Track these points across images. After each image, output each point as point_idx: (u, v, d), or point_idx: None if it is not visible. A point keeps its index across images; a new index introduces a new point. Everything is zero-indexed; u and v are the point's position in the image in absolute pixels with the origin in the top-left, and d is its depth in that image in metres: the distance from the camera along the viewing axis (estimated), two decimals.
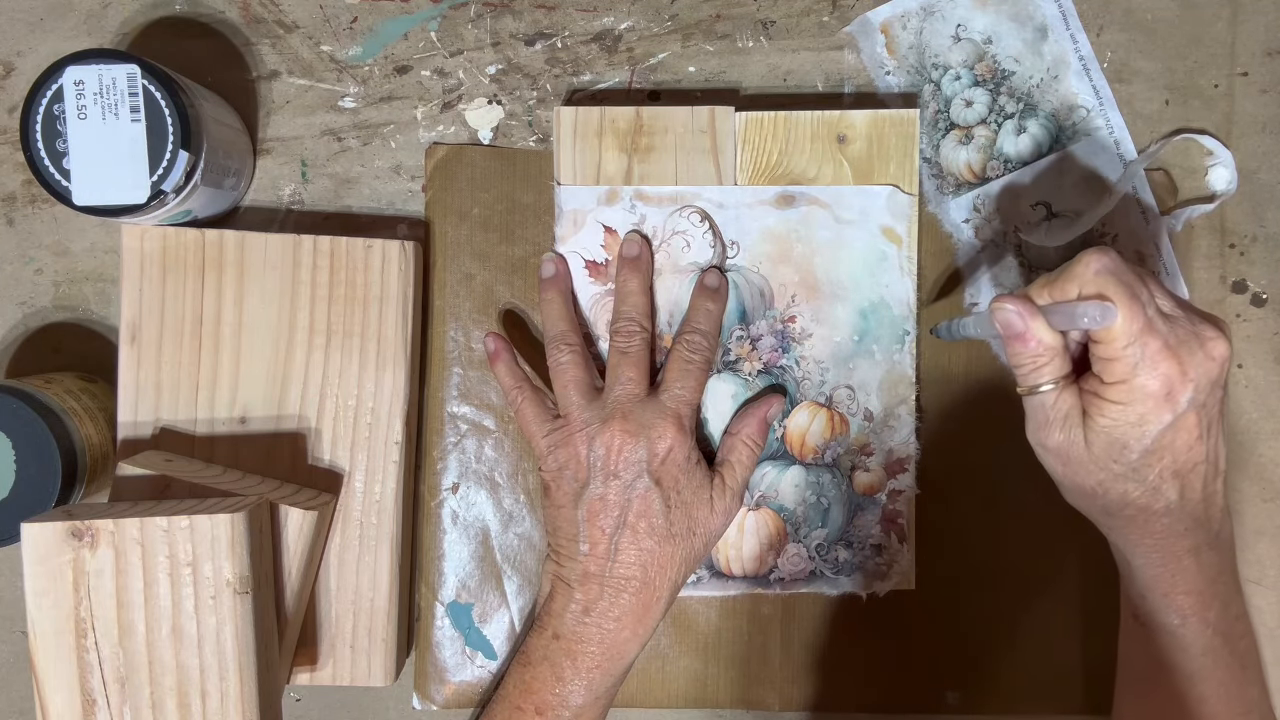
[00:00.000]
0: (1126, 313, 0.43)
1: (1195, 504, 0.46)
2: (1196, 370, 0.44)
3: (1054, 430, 0.46)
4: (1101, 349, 0.44)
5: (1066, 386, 0.46)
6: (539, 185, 0.56)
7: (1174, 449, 0.45)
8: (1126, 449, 0.44)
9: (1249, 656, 0.48)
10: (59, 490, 0.49)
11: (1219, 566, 0.47)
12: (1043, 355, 0.45)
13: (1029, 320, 0.45)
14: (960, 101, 0.56)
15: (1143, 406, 0.44)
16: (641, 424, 0.50)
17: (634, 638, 0.50)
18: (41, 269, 0.57)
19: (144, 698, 0.45)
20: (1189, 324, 0.44)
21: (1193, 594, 0.47)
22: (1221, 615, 0.47)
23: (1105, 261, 0.44)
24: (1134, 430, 0.44)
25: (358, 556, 0.54)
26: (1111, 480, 0.46)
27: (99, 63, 0.48)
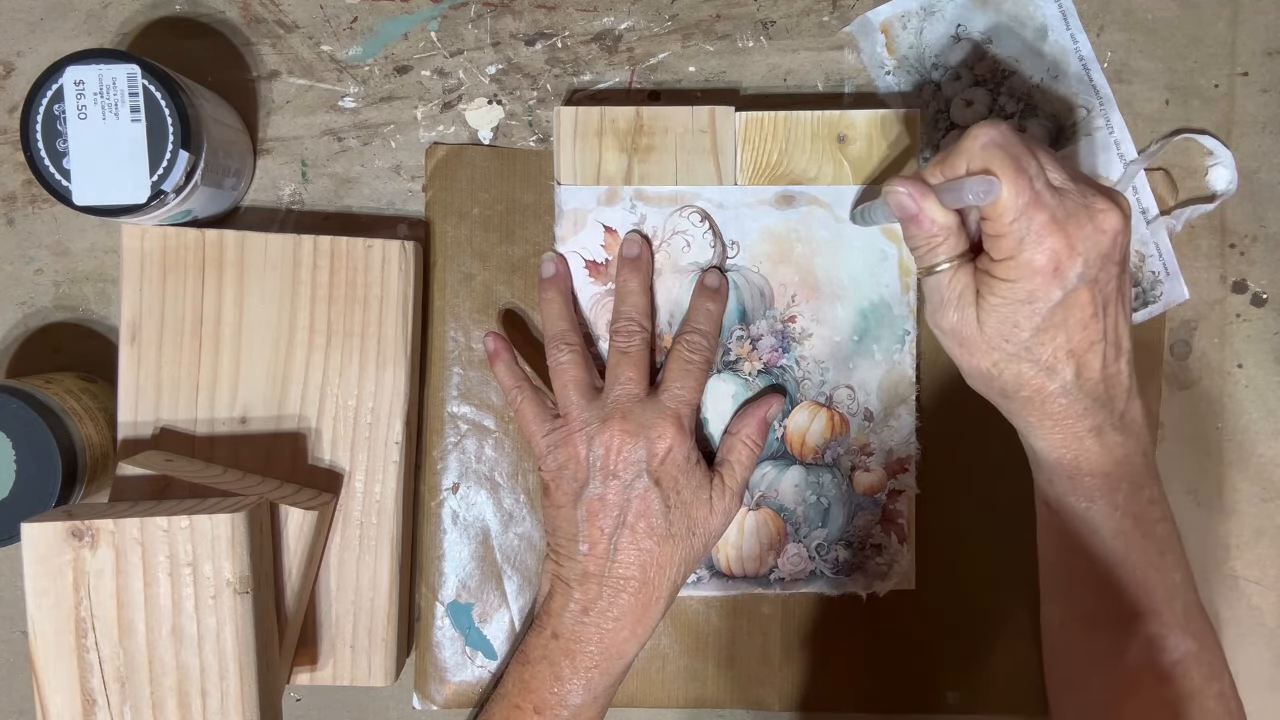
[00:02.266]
0: (1012, 187, 0.42)
1: (1094, 383, 0.45)
2: (1085, 244, 0.43)
3: (949, 310, 0.46)
4: (989, 225, 0.43)
5: (962, 266, 0.45)
6: (539, 185, 0.56)
7: (1067, 326, 0.44)
8: (1017, 327, 0.44)
9: (1167, 542, 0.47)
10: (59, 490, 0.49)
11: (1125, 448, 0.46)
12: (937, 235, 0.45)
13: (920, 200, 0.44)
14: (960, 101, 0.56)
15: (1031, 283, 0.43)
16: (641, 424, 0.50)
17: (633, 638, 0.50)
18: (41, 269, 0.57)
19: (144, 698, 0.45)
20: (1079, 196, 0.43)
21: (1098, 475, 0.46)
22: (1131, 498, 0.46)
23: (993, 134, 0.43)
24: (1024, 308, 0.43)
25: (358, 556, 0.54)
26: (1005, 360, 0.45)
27: (99, 63, 0.48)
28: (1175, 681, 0.46)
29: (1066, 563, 0.49)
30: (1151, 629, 0.46)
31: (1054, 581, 0.50)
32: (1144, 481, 0.47)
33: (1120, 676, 0.46)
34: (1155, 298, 0.56)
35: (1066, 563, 0.49)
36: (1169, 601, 0.46)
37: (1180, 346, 0.57)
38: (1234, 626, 0.57)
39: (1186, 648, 0.46)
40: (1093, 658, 0.48)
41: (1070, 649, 0.49)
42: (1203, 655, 0.46)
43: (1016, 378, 0.45)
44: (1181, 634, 0.46)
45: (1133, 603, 0.46)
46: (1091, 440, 0.46)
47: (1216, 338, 0.57)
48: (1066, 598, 0.49)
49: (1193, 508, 0.57)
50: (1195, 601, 0.48)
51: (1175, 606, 0.47)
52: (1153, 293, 0.56)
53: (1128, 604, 0.46)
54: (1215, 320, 0.57)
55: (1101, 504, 0.46)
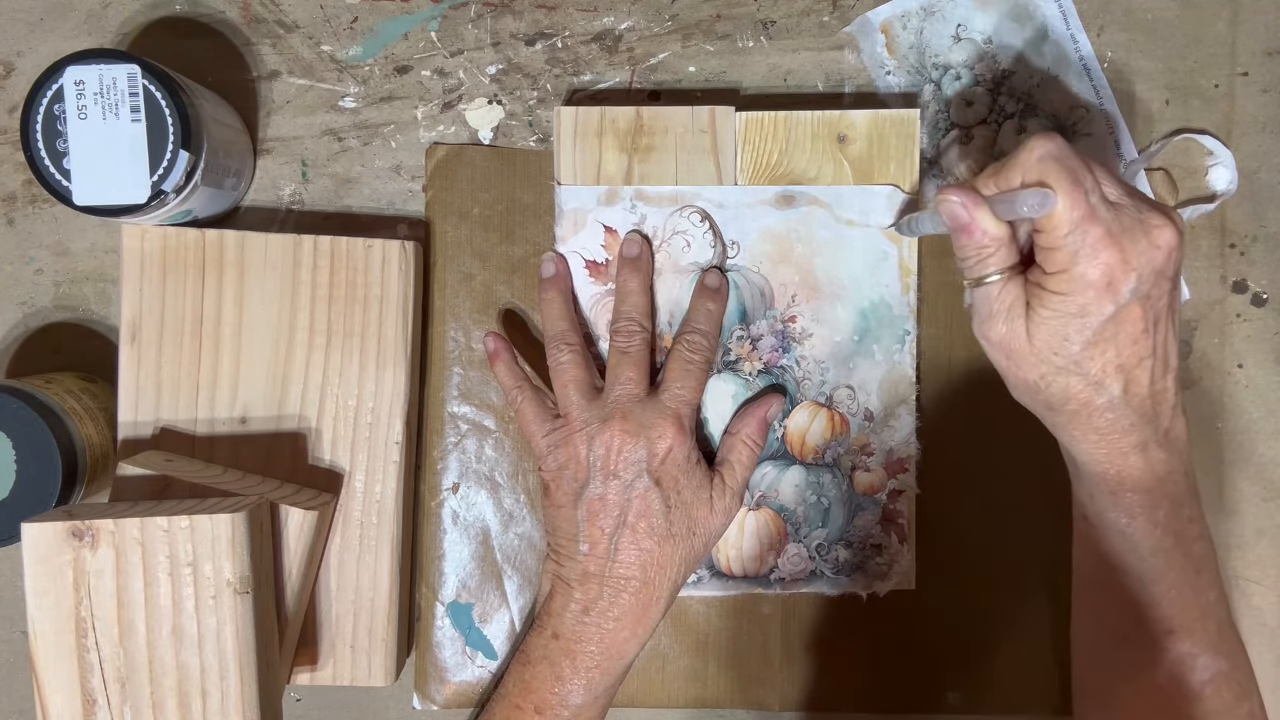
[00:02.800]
0: (1067, 200, 0.42)
1: (1141, 399, 0.45)
2: (1139, 259, 0.42)
3: (998, 322, 0.45)
4: (1043, 237, 0.43)
5: (1012, 278, 0.45)
6: (539, 185, 0.56)
7: (1117, 342, 0.44)
8: (1068, 341, 0.43)
9: (1204, 561, 0.47)
10: (59, 490, 0.49)
11: (1168, 465, 0.46)
12: (988, 246, 0.45)
13: (973, 211, 0.44)
14: (960, 101, 0.56)
15: (1083, 297, 0.43)
16: (641, 424, 0.50)
17: (633, 638, 0.50)
18: (41, 269, 0.57)
19: (144, 698, 0.45)
20: (1135, 212, 0.43)
21: (1140, 492, 0.46)
22: (1172, 515, 0.46)
23: (1049, 147, 0.43)
24: (1075, 321, 0.43)
25: (358, 556, 0.54)
26: (1054, 373, 0.45)
27: (99, 63, 0.48)
28: (1206, 701, 0.46)
29: (1103, 578, 0.48)
30: (1184, 647, 0.46)
31: (1088, 595, 0.50)
32: (1184, 499, 0.47)
33: (1150, 693, 0.46)
34: None
35: (1103, 578, 0.48)
36: (1203, 620, 0.46)
37: (1180, 346, 0.57)
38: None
39: (1218, 667, 0.46)
40: (1123, 673, 0.48)
41: (1101, 663, 0.49)
42: (1234, 675, 0.46)
43: (1064, 391, 0.45)
44: (1214, 653, 0.46)
45: (1167, 620, 0.46)
46: (1136, 456, 0.45)
47: (1216, 338, 0.57)
48: (1100, 612, 0.49)
49: None
50: (1228, 620, 0.48)
51: (1209, 625, 0.47)
52: None
53: (1162, 621, 0.46)
54: (1215, 320, 0.57)
55: (1142, 520, 0.46)
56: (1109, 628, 0.49)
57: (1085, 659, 0.50)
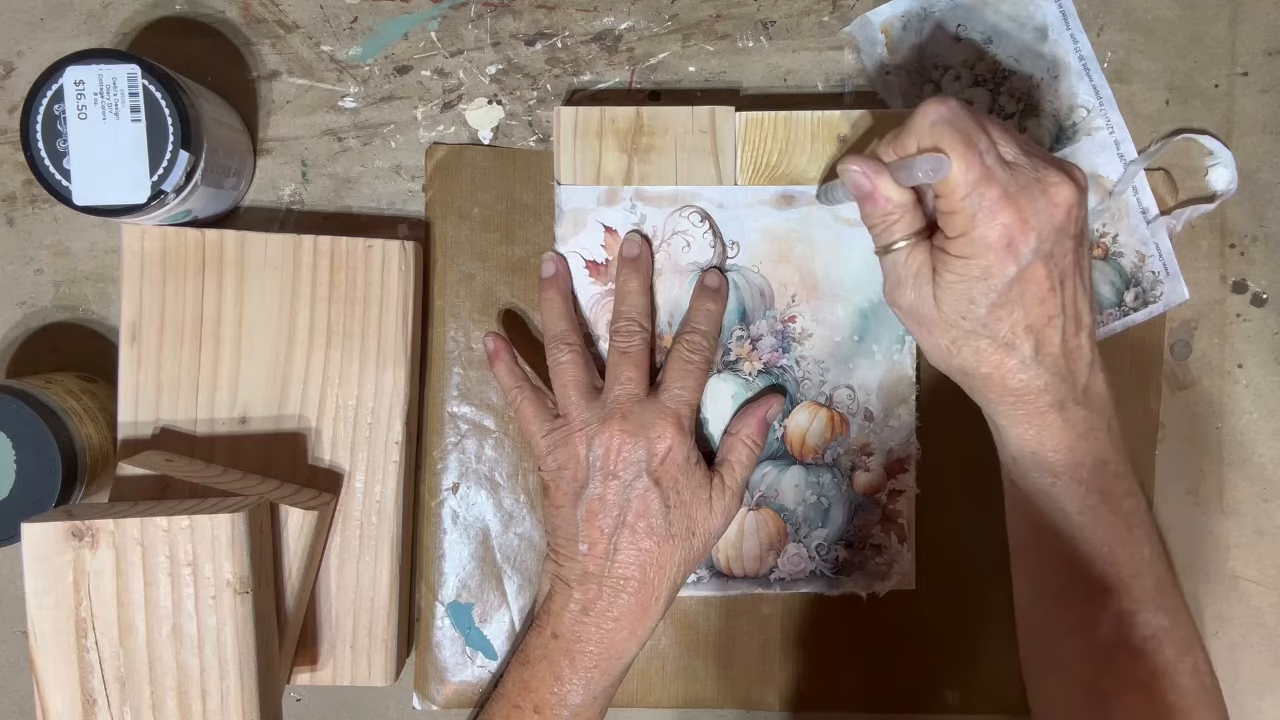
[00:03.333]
0: (961, 163, 0.42)
1: (1054, 358, 0.45)
2: (1038, 218, 0.42)
3: (906, 288, 0.46)
4: (942, 202, 0.43)
5: (918, 243, 0.45)
6: (539, 185, 0.56)
7: (1024, 302, 0.43)
8: (973, 304, 0.44)
9: (1135, 517, 0.46)
10: (59, 490, 0.49)
11: (1089, 423, 0.46)
12: (892, 213, 0.45)
13: (874, 178, 0.44)
14: None
15: (985, 259, 0.43)
16: (641, 424, 0.50)
17: (632, 638, 0.50)
18: (41, 269, 0.57)
19: (144, 698, 0.45)
20: (1032, 170, 0.43)
21: (1061, 450, 0.46)
22: (1097, 473, 0.46)
23: (941, 111, 0.43)
24: (979, 284, 0.43)
25: (358, 556, 0.54)
26: (964, 337, 0.45)
27: (99, 63, 0.48)
28: (1147, 657, 0.45)
29: (1034, 540, 0.48)
30: (1122, 604, 0.45)
31: (1022, 560, 0.50)
32: (1109, 456, 0.46)
33: (1092, 654, 0.46)
34: (1155, 298, 0.56)
35: (1034, 540, 0.48)
36: (1138, 577, 0.46)
37: (1180, 346, 0.57)
38: (1234, 626, 0.57)
39: (1158, 623, 0.45)
40: (1064, 636, 0.47)
41: (1042, 628, 0.49)
42: (1175, 630, 0.46)
43: (975, 354, 0.45)
44: (1153, 609, 0.46)
45: (1101, 578, 0.46)
46: (1054, 415, 0.45)
47: (1216, 338, 0.57)
48: (1035, 575, 0.49)
49: (1193, 508, 0.57)
50: (1168, 577, 0.47)
51: (1145, 582, 0.46)
52: (1153, 293, 0.56)
53: (1096, 580, 0.46)
54: (1215, 320, 0.57)
55: (1066, 480, 0.46)
56: (1045, 590, 0.48)
57: (1026, 623, 0.50)
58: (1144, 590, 0.46)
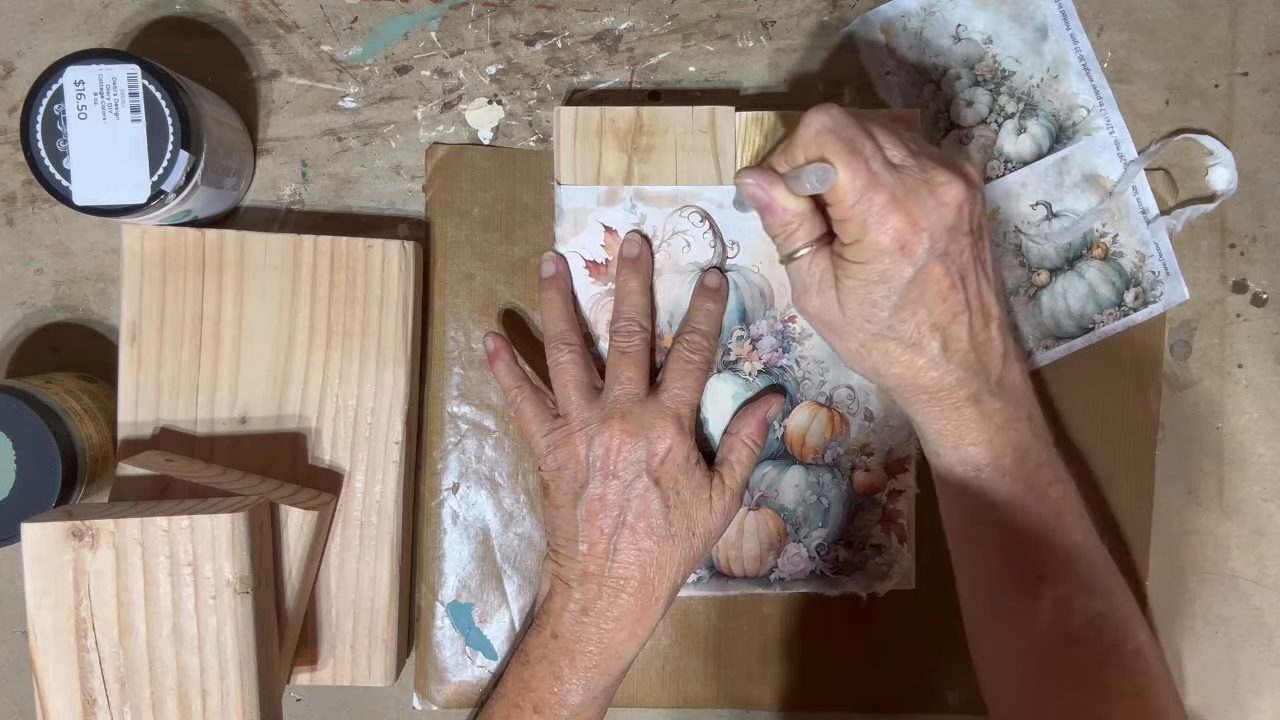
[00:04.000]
0: (846, 171, 0.42)
1: (963, 354, 0.45)
2: (928, 219, 0.43)
3: (811, 295, 0.46)
4: (833, 210, 0.44)
5: (820, 250, 0.46)
6: (539, 185, 0.56)
7: (925, 301, 0.44)
8: (876, 307, 0.44)
9: (1064, 504, 0.46)
10: (59, 490, 0.49)
11: (1006, 414, 0.46)
12: (791, 222, 0.46)
13: (770, 190, 0.45)
14: (960, 101, 0.56)
15: (881, 263, 0.43)
16: (641, 424, 0.50)
17: (632, 638, 0.50)
18: (41, 269, 0.57)
19: (144, 698, 0.45)
20: (919, 172, 0.43)
21: (980, 444, 0.46)
22: (1019, 463, 0.46)
23: (824, 120, 0.43)
24: (879, 288, 0.44)
25: (358, 556, 0.54)
26: (871, 340, 0.45)
27: (99, 63, 0.48)
28: (1087, 643, 0.45)
29: (966, 534, 0.48)
30: (1057, 591, 0.45)
31: (959, 554, 0.50)
32: (1030, 445, 0.46)
33: (1032, 643, 0.46)
34: (1155, 298, 0.56)
35: (966, 534, 0.48)
36: (1071, 563, 0.46)
37: (1180, 346, 0.57)
38: (1234, 626, 0.57)
39: (1096, 608, 0.45)
40: (1004, 626, 0.47)
41: (983, 621, 0.49)
42: (1113, 614, 0.46)
43: (885, 356, 0.46)
44: (1088, 595, 0.45)
45: (1034, 567, 0.46)
46: (970, 409, 0.46)
47: (1216, 338, 0.57)
48: (972, 569, 0.49)
49: (1193, 508, 0.57)
50: (1103, 562, 0.47)
51: (1079, 567, 0.46)
52: (1153, 293, 0.56)
53: (1029, 569, 0.46)
54: (1215, 320, 0.57)
55: (989, 472, 0.46)
56: (982, 583, 0.48)
57: (970, 617, 0.50)
58: (1079, 577, 0.46)
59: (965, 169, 0.45)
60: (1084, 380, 0.56)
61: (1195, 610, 0.58)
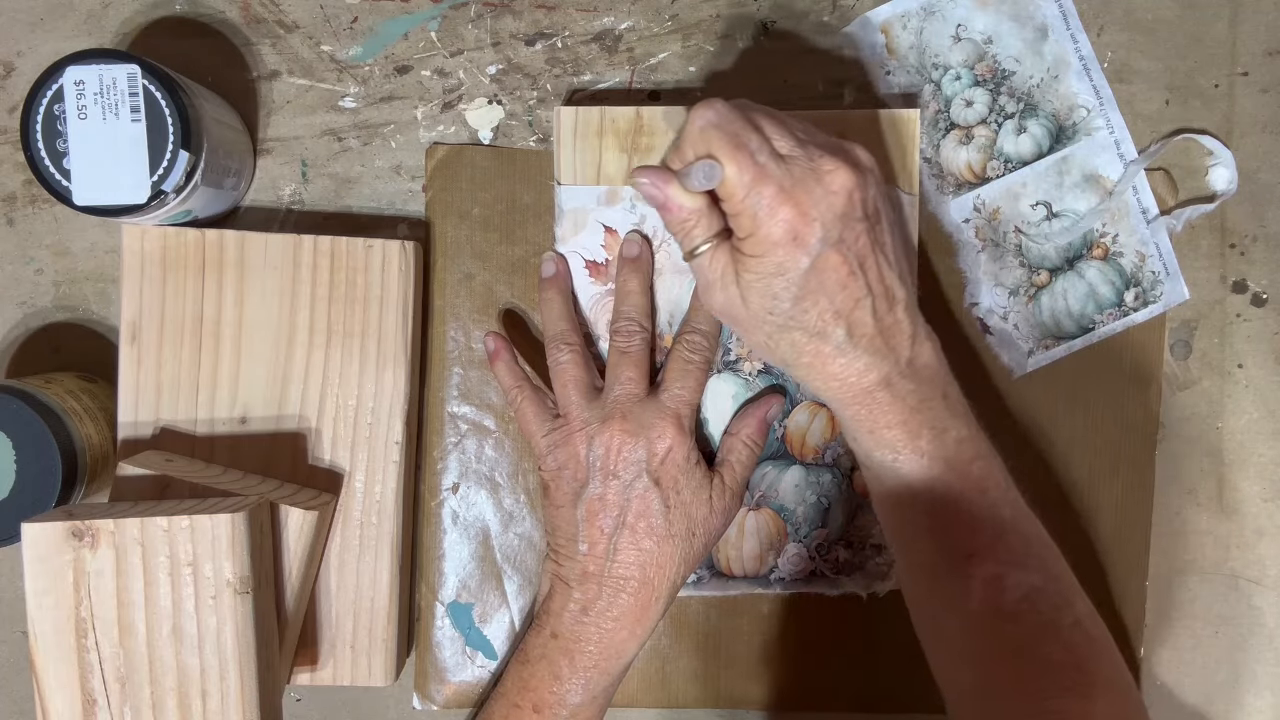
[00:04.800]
0: (733, 166, 0.42)
1: (869, 339, 0.45)
2: (818, 208, 0.43)
3: (715, 291, 0.46)
4: (725, 205, 0.44)
5: (720, 245, 0.46)
6: (539, 185, 0.56)
7: (826, 290, 0.44)
8: (777, 299, 0.44)
9: (988, 480, 0.46)
10: (59, 490, 0.49)
11: (920, 395, 0.46)
12: (689, 219, 0.46)
13: (664, 188, 0.45)
14: (960, 101, 0.56)
15: (776, 255, 0.43)
16: (641, 424, 0.50)
17: (631, 638, 0.50)
18: (41, 269, 0.57)
19: (144, 698, 0.45)
20: (807, 161, 0.43)
21: (895, 426, 0.46)
22: (936, 443, 0.46)
23: (708, 115, 0.43)
24: (778, 280, 0.44)
25: (358, 556, 0.54)
26: (777, 332, 0.45)
27: (99, 63, 0.48)
28: (1024, 618, 0.45)
29: (895, 518, 0.48)
30: (988, 569, 0.45)
31: (890, 538, 0.50)
32: (947, 424, 0.46)
33: (969, 622, 0.46)
34: (1155, 298, 0.56)
35: (895, 518, 0.48)
36: (1001, 539, 0.46)
37: (1180, 346, 0.57)
38: (1234, 626, 0.57)
39: (1030, 583, 0.45)
40: (941, 608, 0.47)
41: (921, 604, 0.49)
42: (1049, 588, 0.45)
43: (792, 347, 0.46)
44: (1021, 570, 0.45)
45: (963, 546, 0.46)
46: (882, 393, 0.46)
47: (1216, 338, 0.57)
48: (905, 553, 0.49)
49: (1193, 507, 0.57)
50: (1036, 535, 0.47)
51: (1010, 542, 0.46)
52: (1153, 293, 0.56)
53: (957, 547, 0.46)
54: (1215, 320, 0.57)
55: (907, 453, 0.46)
56: (914, 565, 0.48)
57: (909, 602, 0.50)
58: (1010, 552, 0.45)
59: (854, 154, 0.45)
60: (1084, 380, 0.56)
61: (1195, 610, 0.58)
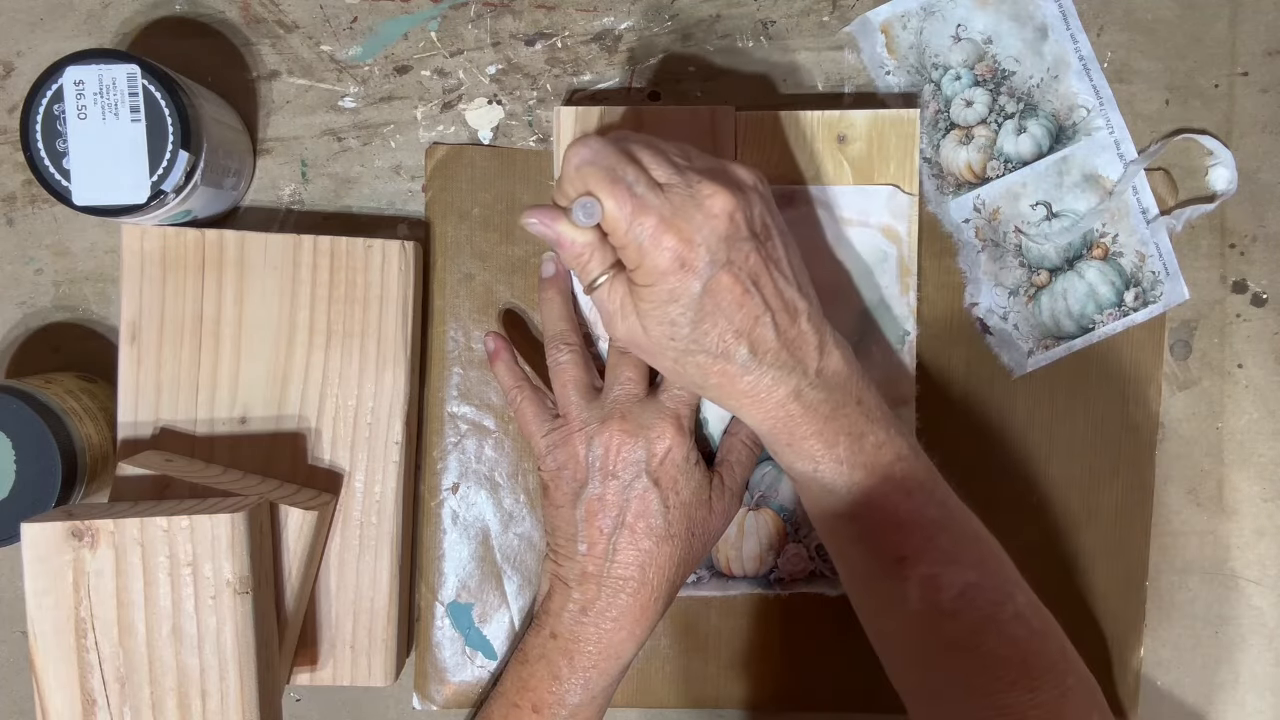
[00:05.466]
0: (611, 201, 0.43)
1: (774, 354, 0.45)
2: (700, 233, 0.43)
3: (617, 321, 0.47)
4: (612, 239, 0.44)
5: (617, 276, 0.46)
6: (539, 185, 0.56)
7: (723, 311, 0.44)
8: (675, 325, 0.44)
9: (911, 481, 0.46)
10: (59, 490, 0.49)
11: (833, 403, 0.46)
12: (582, 254, 0.46)
13: (553, 225, 0.45)
14: (960, 101, 0.56)
15: (666, 284, 0.43)
16: (640, 424, 0.50)
17: (630, 638, 0.50)
18: (41, 269, 0.57)
19: (144, 698, 0.45)
20: (685, 188, 0.43)
21: (811, 436, 0.46)
22: (854, 449, 0.46)
23: (583, 154, 0.43)
24: (673, 307, 0.44)
25: (358, 556, 0.54)
26: (681, 356, 0.46)
27: (99, 63, 0.48)
28: (962, 615, 0.45)
29: (826, 526, 0.49)
30: (922, 570, 0.45)
31: (827, 547, 0.50)
32: (864, 429, 0.46)
33: (909, 623, 0.46)
34: (1155, 298, 0.56)
35: (826, 526, 0.49)
36: (932, 539, 0.46)
37: (1180, 346, 0.57)
38: (1234, 626, 0.57)
39: (965, 579, 0.45)
40: (881, 611, 0.47)
41: (863, 609, 0.49)
42: (986, 583, 0.45)
43: (699, 369, 0.46)
44: (955, 567, 0.45)
45: (894, 549, 0.46)
46: (794, 405, 0.46)
47: (1216, 338, 0.57)
48: (840, 560, 0.49)
49: (1193, 508, 0.57)
50: (968, 531, 0.47)
51: (942, 541, 0.46)
52: (1153, 293, 0.56)
53: (890, 551, 0.46)
54: (1215, 320, 0.57)
55: (827, 461, 0.46)
56: (853, 571, 0.48)
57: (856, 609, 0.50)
58: (941, 550, 0.45)
59: (734, 174, 0.45)
60: (1084, 380, 0.56)
61: (1195, 610, 0.58)
